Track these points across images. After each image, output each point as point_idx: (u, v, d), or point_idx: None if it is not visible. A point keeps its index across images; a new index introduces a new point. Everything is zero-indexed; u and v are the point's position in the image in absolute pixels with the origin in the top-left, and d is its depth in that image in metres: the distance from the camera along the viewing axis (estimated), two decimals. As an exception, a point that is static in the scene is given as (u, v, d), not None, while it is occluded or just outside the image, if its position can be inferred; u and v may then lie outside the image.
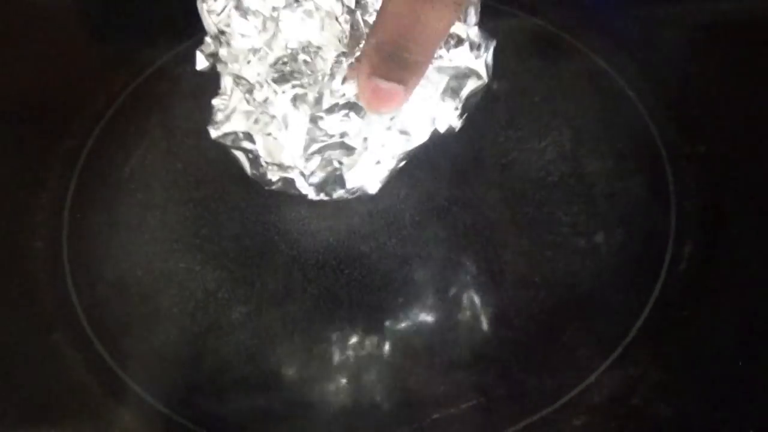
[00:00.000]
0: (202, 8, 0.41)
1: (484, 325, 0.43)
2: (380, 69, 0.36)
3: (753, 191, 0.47)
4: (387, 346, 0.43)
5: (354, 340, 0.43)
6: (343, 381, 0.42)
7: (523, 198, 0.47)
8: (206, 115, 0.42)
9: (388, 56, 0.36)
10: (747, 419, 0.39)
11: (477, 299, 0.44)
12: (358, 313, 0.44)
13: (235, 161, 0.41)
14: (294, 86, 0.38)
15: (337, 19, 0.39)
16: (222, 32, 0.40)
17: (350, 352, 0.43)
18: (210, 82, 0.49)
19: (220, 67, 0.41)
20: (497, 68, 0.42)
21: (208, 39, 0.42)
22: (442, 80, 0.40)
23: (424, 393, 0.41)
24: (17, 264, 0.47)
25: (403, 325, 0.43)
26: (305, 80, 0.38)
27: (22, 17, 0.60)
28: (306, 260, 0.45)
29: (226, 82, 0.41)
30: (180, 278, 0.45)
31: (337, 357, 0.42)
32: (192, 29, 0.56)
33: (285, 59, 0.39)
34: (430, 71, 0.39)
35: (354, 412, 0.41)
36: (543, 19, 0.55)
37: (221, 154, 0.46)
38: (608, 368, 0.41)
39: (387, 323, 0.44)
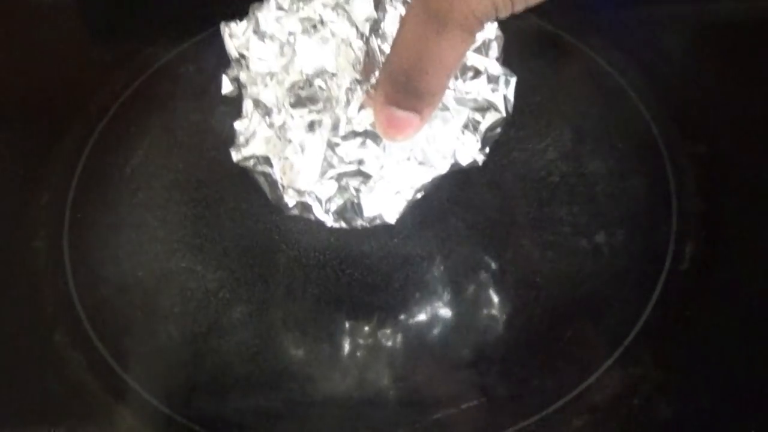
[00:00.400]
0: (225, 32, 0.42)
1: (486, 325, 0.43)
2: (394, 98, 0.36)
3: (754, 191, 0.47)
4: (388, 346, 0.43)
5: (355, 339, 0.43)
6: (345, 381, 0.42)
7: (524, 198, 0.47)
8: (208, 115, 0.42)
9: (401, 85, 0.36)
10: (748, 419, 0.39)
11: (478, 299, 0.44)
12: (360, 313, 0.44)
13: (255, 183, 0.41)
14: (311, 111, 0.39)
15: (351, 45, 0.39)
16: (242, 56, 0.41)
17: (351, 352, 0.43)
18: (212, 83, 0.49)
19: (243, 91, 0.42)
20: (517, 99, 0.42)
21: (233, 63, 0.43)
22: (463, 113, 0.40)
23: (425, 393, 0.41)
24: (18, 264, 0.47)
25: (404, 324, 0.43)
26: (321, 106, 0.39)
27: (24, 17, 0.60)
28: (307, 260, 0.45)
29: (247, 105, 0.41)
30: (181, 278, 0.45)
31: (338, 357, 0.43)
32: (193, 29, 0.57)
33: (301, 84, 0.39)
34: (450, 103, 0.40)
35: (355, 411, 0.41)
36: (544, 19, 0.55)
37: (223, 154, 0.46)
38: (609, 368, 0.41)
39: (388, 323, 0.44)
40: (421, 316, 0.44)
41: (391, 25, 0.39)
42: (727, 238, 0.45)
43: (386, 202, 0.40)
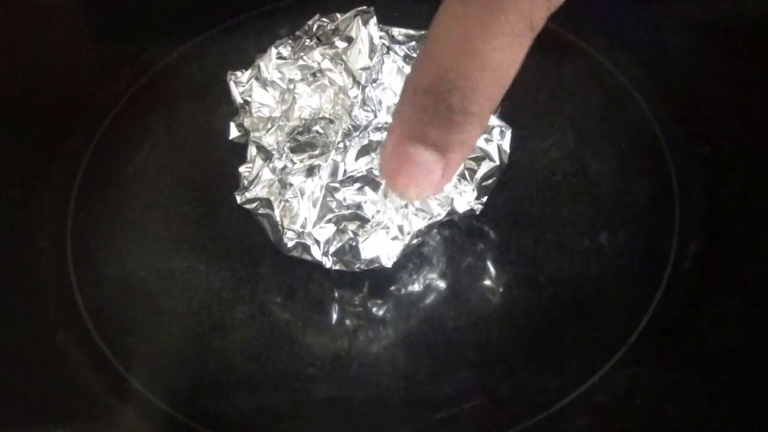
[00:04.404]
0: (230, 80, 0.44)
1: (488, 324, 0.43)
2: (416, 129, 0.26)
3: (757, 191, 0.47)
4: (391, 346, 0.43)
5: (357, 339, 0.43)
6: (347, 381, 0.42)
7: (527, 198, 0.47)
8: (211, 115, 0.42)
9: (430, 107, 0.26)
10: (751, 419, 0.39)
11: (480, 299, 0.44)
12: (362, 312, 0.44)
13: (259, 224, 0.42)
14: (310, 157, 0.41)
15: (347, 94, 0.41)
16: (246, 102, 0.44)
17: (354, 352, 0.43)
18: (214, 83, 0.49)
19: (247, 137, 0.44)
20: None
21: (239, 110, 0.45)
22: None
23: (428, 393, 0.41)
24: (21, 264, 0.47)
25: (406, 324, 0.43)
26: (319, 151, 0.41)
27: (26, 17, 0.60)
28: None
29: (251, 150, 0.43)
30: (184, 278, 0.45)
31: (340, 356, 0.42)
32: (196, 29, 0.57)
33: (300, 129, 0.41)
34: None
35: (358, 411, 0.41)
36: (548, 19, 0.55)
37: (226, 154, 0.47)
38: (612, 368, 0.41)
39: (390, 322, 0.44)
40: (424, 316, 0.44)
41: (387, 75, 0.42)
42: (730, 237, 0.45)
43: (383, 246, 0.41)
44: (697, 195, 0.46)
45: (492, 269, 0.45)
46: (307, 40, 0.43)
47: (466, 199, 0.42)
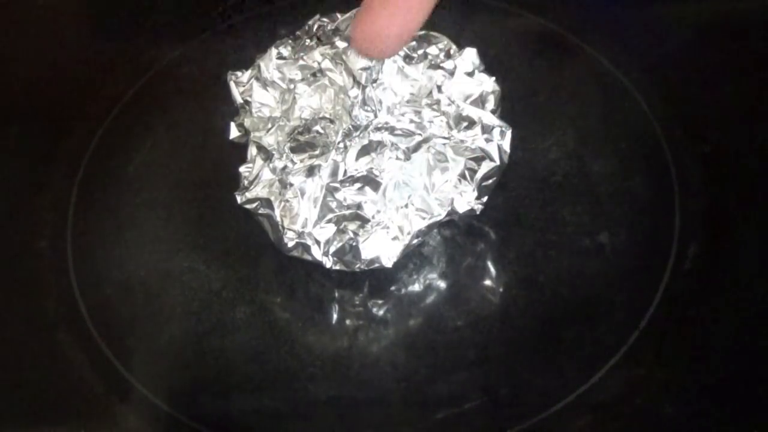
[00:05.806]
0: (230, 80, 0.44)
1: (488, 325, 0.43)
2: None
3: (757, 191, 0.47)
4: (391, 346, 0.43)
5: (357, 339, 0.43)
6: (347, 381, 0.42)
7: (527, 197, 0.47)
8: (211, 115, 0.42)
9: None
10: (751, 419, 0.39)
11: (480, 299, 0.44)
12: (362, 312, 0.44)
13: (260, 224, 0.42)
14: (311, 157, 0.41)
15: (347, 94, 0.41)
16: (247, 102, 0.44)
17: (354, 352, 0.43)
18: (214, 83, 0.49)
19: (248, 137, 0.44)
20: (508, 116, 0.43)
21: (240, 110, 0.45)
22: (460, 162, 0.41)
23: (427, 393, 0.41)
24: (22, 264, 0.47)
25: (406, 324, 0.43)
26: (319, 151, 0.41)
27: (27, 16, 0.60)
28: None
29: (252, 150, 0.43)
30: (184, 278, 0.45)
31: (340, 356, 0.43)
32: (195, 30, 0.57)
33: (300, 129, 0.41)
34: (448, 153, 0.41)
35: (358, 412, 0.41)
36: (548, 19, 0.55)
37: (225, 153, 0.47)
38: (612, 368, 0.41)
39: (390, 322, 0.44)
40: (424, 316, 0.44)
41: (387, 75, 0.41)
42: (730, 237, 0.45)
43: (384, 246, 0.41)
44: (698, 195, 0.46)
45: (492, 269, 0.45)
46: (308, 40, 0.43)
47: (466, 199, 0.42)
